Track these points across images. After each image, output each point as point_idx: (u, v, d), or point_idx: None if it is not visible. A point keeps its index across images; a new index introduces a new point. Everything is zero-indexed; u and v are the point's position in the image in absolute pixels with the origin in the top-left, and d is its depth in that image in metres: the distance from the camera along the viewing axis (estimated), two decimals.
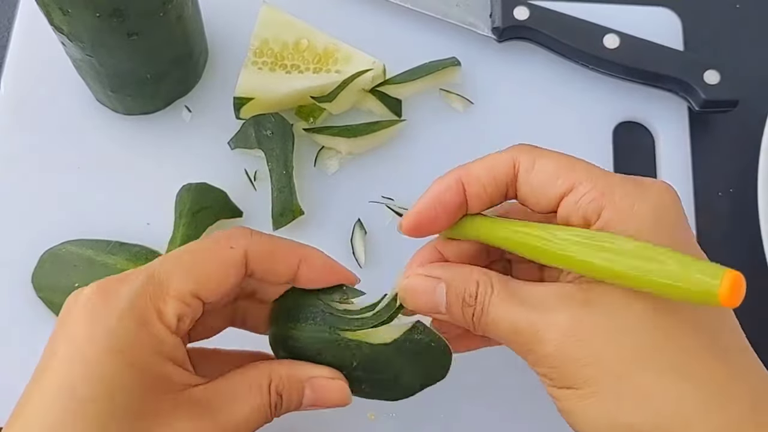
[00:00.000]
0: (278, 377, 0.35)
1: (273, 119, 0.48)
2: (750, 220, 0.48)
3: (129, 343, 0.31)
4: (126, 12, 0.41)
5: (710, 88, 0.50)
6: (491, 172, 0.35)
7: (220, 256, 0.34)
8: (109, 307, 0.32)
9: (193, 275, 0.33)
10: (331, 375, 0.36)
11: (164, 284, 0.33)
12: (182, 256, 0.34)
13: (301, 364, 0.36)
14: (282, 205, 0.47)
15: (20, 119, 0.50)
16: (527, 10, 0.51)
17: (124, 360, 0.31)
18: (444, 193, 0.35)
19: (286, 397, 0.35)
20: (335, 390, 0.36)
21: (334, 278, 0.37)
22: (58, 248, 0.46)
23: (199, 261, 0.34)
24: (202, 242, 0.36)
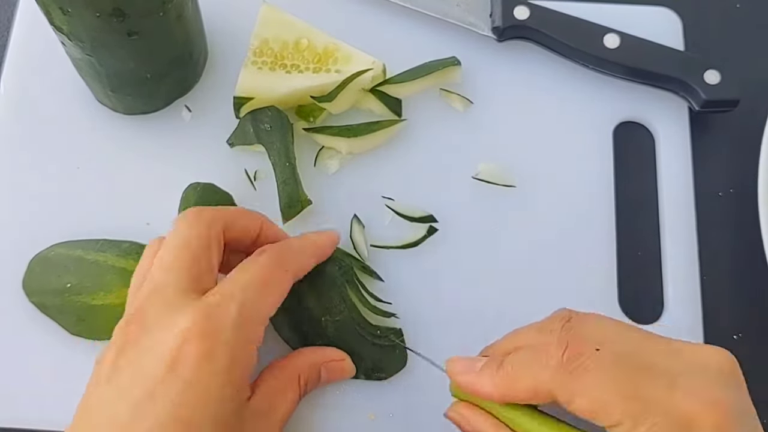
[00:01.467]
0: (305, 371, 0.41)
1: (270, 112, 0.48)
2: (750, 220, 0.48)
3: (235, 370, 0.36)
4: (126, 11, 0.40)
5: (710, 88, 0.50)
6: (534, 396, 0.34)
7: (281, 280, 0.40)
8: (218, 338, 0.35)
9: (269, 302, 0.39)
10: (340, 357, 0.43)
11: (255, 312, 0.37)
12: (260, 286, 0.38)
13: (316, 352, 0.43)
14: (289, 196, 0.47)
15: (20, 119, 0.50)
16: (527, 10, 0.51)
17: (231, 386, 0.35)
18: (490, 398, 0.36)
19: (311, 384, 0.42)
20: (345, 369, 0.43)
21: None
22: (46, 252, 0.46)
23: (270, 289, 0.39)
24: (266, 267, 0.39)
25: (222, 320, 0.36)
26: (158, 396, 0.34)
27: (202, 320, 0.35)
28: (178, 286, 0.37)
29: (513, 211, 0.49)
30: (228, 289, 0.37)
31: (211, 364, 0.35)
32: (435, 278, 0.47)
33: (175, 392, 0.34)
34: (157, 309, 0.36)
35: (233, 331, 0.35)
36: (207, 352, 0.35)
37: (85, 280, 0.44)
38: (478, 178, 0.49)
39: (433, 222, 0.48)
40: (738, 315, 0.48)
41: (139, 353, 0.35)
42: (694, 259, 0.48)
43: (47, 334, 0.45)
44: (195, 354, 0.34)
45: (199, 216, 0.40)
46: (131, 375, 0.35)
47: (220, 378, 0.35)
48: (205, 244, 0.38)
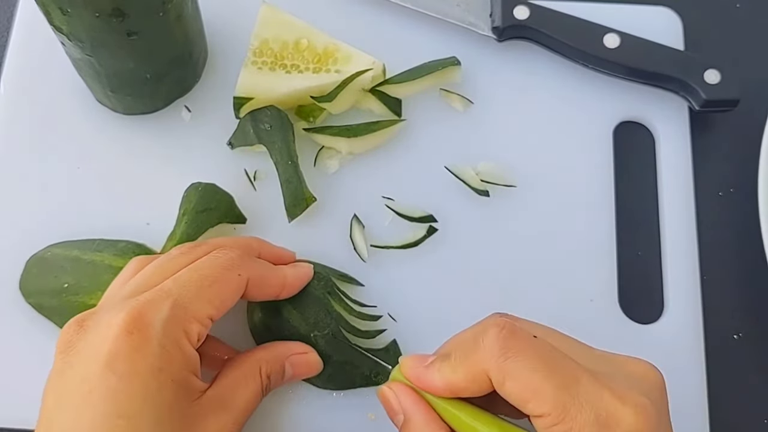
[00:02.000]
0: (265, 362, 0.41)
1: (269, 112, 0.48)
2: (750, 220, 0.48)
3: (168, 361, 0.36)
4: (125, 11, 0.40)
5: (710, 88, 0.50)
6: (474, 384, 0.35)
7: (232, 284, 0.39)
8: (147, 332, 0.35)
9: (212, 303, 0.38)
10: (304, 350, 0.43)
11: (188, 309, 0.37)
12: (199, 284, 0.38)
13: (280, 345, 0.43)
14: (293, 195, 0.47)
15: (19, 119, 0.50)
16: (527, 10, 0.51)
17: (165, 376, 0.35)
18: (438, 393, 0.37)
19: (273, 377, 0.41)
20: (309, 363, 0.43)
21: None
22: (43, 252, 0.46)
23: (216, 289, 0.38)
24: (213, 270, 0.39)
25: (152, 316, 0.36)
26: (96, 391, 0.34)
27: (133, 315, 0.35)
28: (127, 295, 0.38)
29: (513, 211, 0.49)
30: (167, 286, 0.37)
31: (143, 358, 0.35)
32: (435, 278, 0.47)
33: (111, 386, 0.34)
34: (98, 313, 0.37)
35: (162, 327, 0.36)
36: (137, 345, 0.35)
37: (82, 280, 0.44)
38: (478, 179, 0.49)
39: (433, 222, 0.48)
40: (738, 315, 0.48)
41: (75, 354, 0.36)
42: (694, 259, 0.48)
43: (44, 334, 0.45)
44: (126, 348, 0.35)
45: (191, 250, 0.40)
46: (71, 376, 0.35)
47: (153, 370, 0.35)
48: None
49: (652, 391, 0.34)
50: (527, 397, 0.32)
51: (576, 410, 0.32)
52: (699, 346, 0.46)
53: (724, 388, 0.46)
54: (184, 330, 0.37)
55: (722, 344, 0.47)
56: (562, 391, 0.32)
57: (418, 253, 0.48)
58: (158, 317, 0.36)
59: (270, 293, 0.42)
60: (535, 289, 0.47)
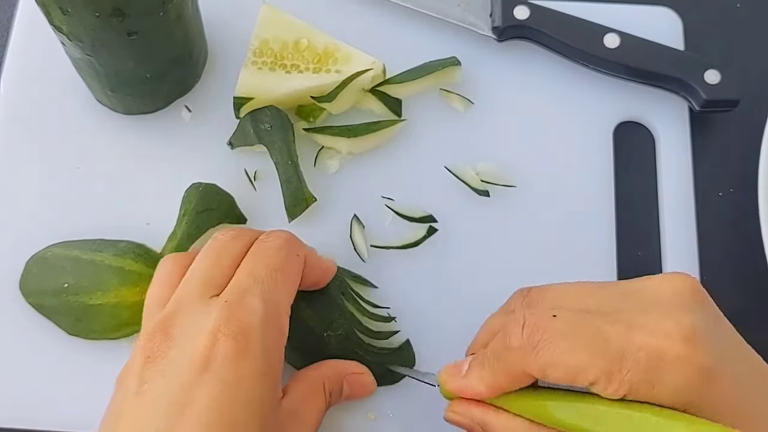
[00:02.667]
0: (328, 379, 0.41)
1: (269, 112, 0.48)
2: (750, 220, 0.48)
3: (270, 364, 0.35)
4: (125, 11, 0.40)
5: (710, 88, 0.49)
6: (516, 382, 0.35)
7: (297, 265, 0.39)
8: (249, 335, 0.34)
9: (291, 291, 0.38)
10: (362, 371, 0.43)
11: (279, 304, 0.37)
12: (277, 276, 0.37)
13: (339, 363, 0.43)
14: (293, 195, 0.47)
15: (19, 119, 0.50)
16: (527, 10, 0.51)
17: (269, 380, 0.35)
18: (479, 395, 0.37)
19: (334, 395, 0.41)
20: (366, 384, 0.43)
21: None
22: (43, 252, 0.46)
23: (291, 279, 0.38)
24: (278, 253, 0.38)
25: (249, 316, 0.35)
26: (198, 400, 0.33)
27: (229, 318, 0.34)
28: (201, 292, 0.36)
29: (513, 211, 0.49)
30: (245, 283, 0.36)
31: (248, 362, 0.34)
32: (435, 278, 0.47)
33: (214, 394, 0.33)
34: (181, 316, 0.36)
35: (262, 326, 0.35)
36: (242, 349, 0.34)
37: (83, 279, 0.44)
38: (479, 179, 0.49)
39: (433, 222, 0.48)
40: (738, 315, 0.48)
41: (167, 362, 0.34)
42: (694, 259, 0.48)
43: (45, 334, 0.45)
44: (230, 353, 0.33)
45: (242, 233, 0.39)
46: (164, 383, 0.33)
47: (258, 375, 0.34)
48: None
49: (691, 304, 0.33)
50: (571, 376, 0.32)
51: (617, 367, 0.31)
52: None
53: None
54: (279, 326, 0.36)
55: None
56: (598, 358, 0.31)
57: (417, 253, 0.48)
58: (256, 318, 0.35)
59: (313, 278, 0.41)
60: None
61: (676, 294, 0.33)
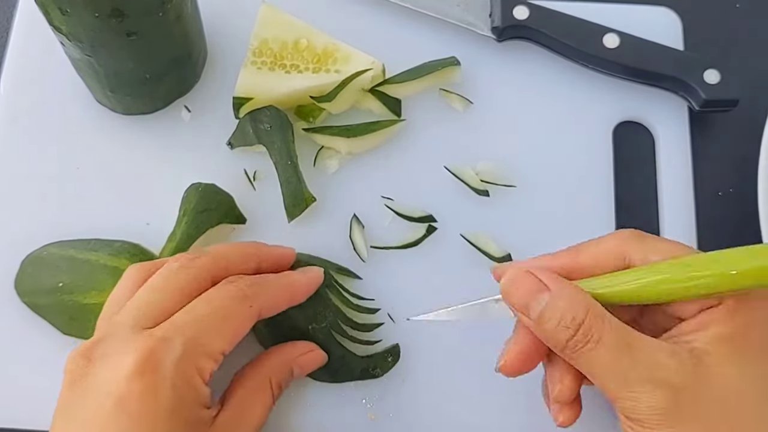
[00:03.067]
0: (275, 372, 0.41)
1: (269, 112, 0.48)
2: (750, 220, 0.48)
3: (181, 401, 0.35)
4: (125, 12, 0.40)
5: (710, 88, 0.49)
6: (600, 265, 0.36)
7: (243, 316, 0.39)
8: (161, 374, 0.35)
9: (225, 337, 0.38)
10: (309, 348, 0.43)
11: (200, 346, 0.37)
12: (212, 320, 0.37)
13: (285, 349, 0.42)
14: (293, 195, 0.47)
15: (19, 119, 0.50)
16: (527, 10, 0.51)
17: (178, 417, 0.35)
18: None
19: (283, 383, 0.41)
20: (315, 359, 0.43)
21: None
22: (38, 252, 0.46)
23: (228, 324, 0.38)
24: (224, 300, 0.38)
25: (164, 355, 0.35)
26: (107, 430, 0.34)
27: (145, 355, 0.35)
28: (134, 323, 0.37)
29: (513, 211, 0.49)
30: (179, 321, 0.37)
31: (155, 399, 0.34)
32: (434, 278, 0.47)
33: (123, 427, 0.34)
34: (108, 343, 0.36)
35: (175, 367, 0.35)
36: (149, 387, 0.34)
37: (78, 279, 0.44)
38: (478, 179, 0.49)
39: (432, 222, 0.48)
40: None
41: (86, 390, 0.35)
42: None
43: (39, 333, 0.45)
44: (138, 390, 0.34)
45: (191, 263, 0.39)
46: (82, 410, 0.35)
47: (166, 412, 0.35)
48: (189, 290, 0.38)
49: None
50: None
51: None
52: None
53: None
54: (196, 367, 0.36)
55: None
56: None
57: (417, 253, 0.48)
58: (170, 357, 0.35)
59: (281, 307, 0.42)
60: None
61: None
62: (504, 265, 0.39)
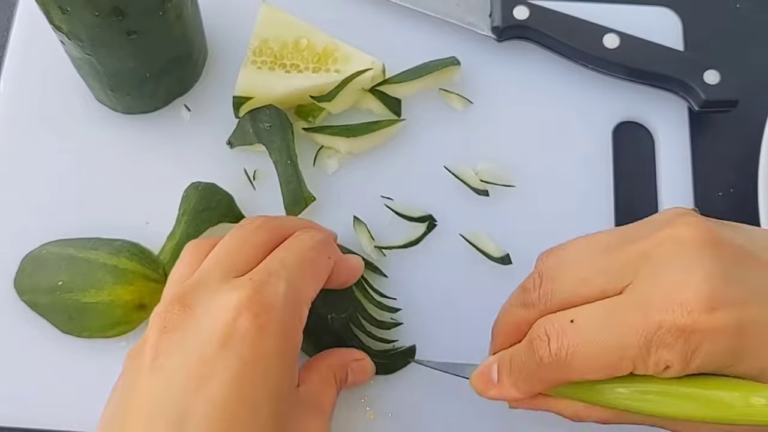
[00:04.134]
0: (337, 368, 0.41)
1: (268, 111, 0.48)
2: (750, 220, 0.48)
3: (290, 346, 0.35)
4: (125, 11, 0.40)
5: (710, 88, 0.49)
6: (550, 388, 0.35)
7: (325, 265, 0.39)
8: (272, 314, 0.34)
9: (312, 283, 0.38)
10: (362, 356, 0.43)
11: (301, 291, 0.36)
12: (304, 266, 0.37)
13: (343, 351, 0.43)
14: (292, 194, 0.47)
15: (19, 118, 0.50)
16: (527, 10, 0.51)
17: (286, 363, 0.35)
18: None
19: (342, 383, 0.42)
20: (366, 369, 0.43)
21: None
22: (38, 251, 0.46)
23: (316, 272, 0.38)
24: (311, 250, 0.38)
25: (272, 296, 0.34)
26: (215, 374, 0.32)
27: (253, 296, 0.34)
28: (224, 272, 0.36)
29: (513, 211, 0.49)
30: (274, 268, 0.36)
31: (267, 341, 0.33)
32: (434, 279, 0.47)
33: (232, 369, 0.32)
34: (200, 291, 0.35)
35: (283, 308, 0.34)
36: (261, 327, 0.33)
37: (77, 277, 0.44)
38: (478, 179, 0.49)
39: (432, 221, 0.48)
40: None
41: (185, 334, 0.33)
42: None
43: (39, 332, 0.45)
44: (249, 329, 0.33)
45: (267, 223, 0.39)
46: (181, 356, 0.33)
47: (277, 355, 0.34)
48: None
49: (700, 259, 0.31)
50: (611, 372, 0.32)
51: (646, 351, 0.31)
52: None
53: None
54: (298, 312, 0.36)
55: None
56: (627, 350, 0.31)
57: (417, 253, 0.48)
58: (279, 299, 0.34)
59: (341, 280, 0.41)
60: None
61: (685, 245, 0.32)
62: (482, 385, 0.38)
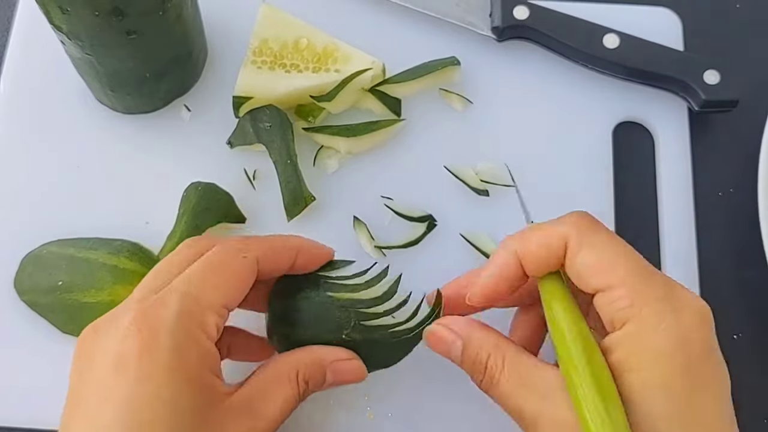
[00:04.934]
0: (304, 366, 0.38)
1: (268, 111, 0.48)
2: (750, 220, 0.48)
3: (183, 359, 0.33)
4: (125, 10, 0.40)
5: (710, 88, 0.49)
6: (545, 249, 0.36)
7: (239, 267, 0.37)
8: (157, 329, 0.33)
9: (221, 289, 0.36)
10: (348, 356, 0.39)
11: (200, 300, 0.35)
12: (205, 272, 0.36)
13: (321, 349, 0.39)
14: (292, 194, 0.47)
15: (19, 118, 0.50)
16: (527, 10, 0.51)
17: (182, 377, 0.33)
18: (504, 267, 0.37)
19: (312, 383, 0.38)
20: (353, 370, 0.39)
21: (323, 260, 0.42)
22: (38, 251, 0.46)
23: (223, 275, 0.37)
24: (216, 255, 0.37)
25: (162, 312, 0.34)
26: (112, 398, 0.32)
27: (141, 314, 0.34)
28: (141, 294, 0.36)
29: (513, 211, 0.49)
30: (174, 282, 0.36)
31: (155, 357, 0.33)
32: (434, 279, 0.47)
33: (124, 392, 0.32)
34: (112, 315, 0.36)
35: (175, 321, 0.34)
36: (146, 345, 0.33)
37: (77, 277, 0.44)
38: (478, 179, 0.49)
39: (432, 221, 0.48)
40: (738, 315, 0.48)
41: (92, 360, 0.34)
42: (693, 259, 0.48)
43: (38, 332, 0.45)
44: (135, 349, 0.33)
45: (236, 245, 0.38)
46: (90, 382, 0.34)
47: (166, 371, 0.33)
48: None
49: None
50: (600, 268, 0.34)
51: (644, 287, 0.33)
52: None
53: None
54: (198, 322, 0.35)
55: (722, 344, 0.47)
56: (633, 274, 0.33)
57: (417, 253, 0.48)
58: (168, 312, 0.34)
59: (284, 264, 0.39)
60: None
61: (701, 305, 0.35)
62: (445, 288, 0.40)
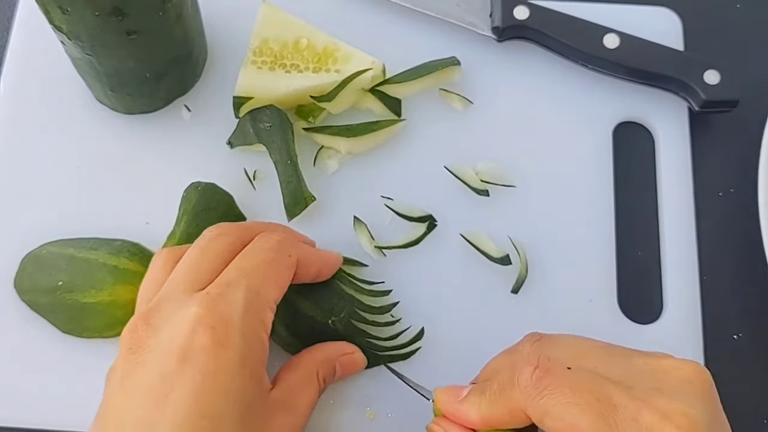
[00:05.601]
0: (321, 364, 0.41)
1: (268, 111, 0.48)
2: (750, 220, 0.48)
3: (250, 355, 0.35)
4: (125, 11, 0.40)
5: (710, 88, 0.49)
6: (509, 417, 0.35)
7: (287, 264, 0.39)
8: (227, 325, 0.35)
9: (278, 285, 0.38)
10: (352, 350, 0.43)
11: (260, 295, 0.37)
12: (262, 267, 0.38)
13: (330, 346, 0.43)
14: (292, 194, 0.47)
15: (19, 118, 0.50)
16: (527, 10, 0.51)
17: (248, 371, 0.35)
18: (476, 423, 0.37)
19: (327, 378, 0.42)
20: (356, 362, 0.43)
21: (336, 270, 0.44)
22: (38, 251, 0.46)
23: (275, 271, 0.38)
24: (270, 252, 0.39)
25: (229, 307, 0.35)
26: (176, 391, 0.33)
27: (209, 309, 0.35)
28: (185, 287, 0.37)
29: (513, 211, 0.49)
30: (231, 277, 0.37)
31: (226, 352, 0.34)
32: (434, 278, 0.47)
33: (192, 384, 0.33)
34: (163, 309, 0.36)
35: (242, 317, 0.35)
36: (220, 339, 0.34)
37: (77, 278, 0.44)
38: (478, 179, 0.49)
39: (432, 221, 0.48)
40: (738, 315, 0.48)
41: (147, 352, 0.34)
42: (693, 259, 0.48)
43: (38, 332, 0.45)
44: (208, 343, 0.34)
45: (227, 230, 0.40)
46: (144, 374, 0.34)
47: (237, 365, 0.34)
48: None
49: (699, 395, 0.33)
50: (566, 430, 0.32)
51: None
52: (698, 347, 0.46)
53: (724, 389, 0.46)
54: (260, 318, 0.36)
55: (722, 344, 0.47)
56: (600, 422, 0.31)
57: (417, 253, 0.48)
58: (236, 308, 0.35)
59: (312, 272, 0.42)
60: (534, 289, 0.47)
61: (688, 382, 0.33)
62: (439, 399, 0.39)
